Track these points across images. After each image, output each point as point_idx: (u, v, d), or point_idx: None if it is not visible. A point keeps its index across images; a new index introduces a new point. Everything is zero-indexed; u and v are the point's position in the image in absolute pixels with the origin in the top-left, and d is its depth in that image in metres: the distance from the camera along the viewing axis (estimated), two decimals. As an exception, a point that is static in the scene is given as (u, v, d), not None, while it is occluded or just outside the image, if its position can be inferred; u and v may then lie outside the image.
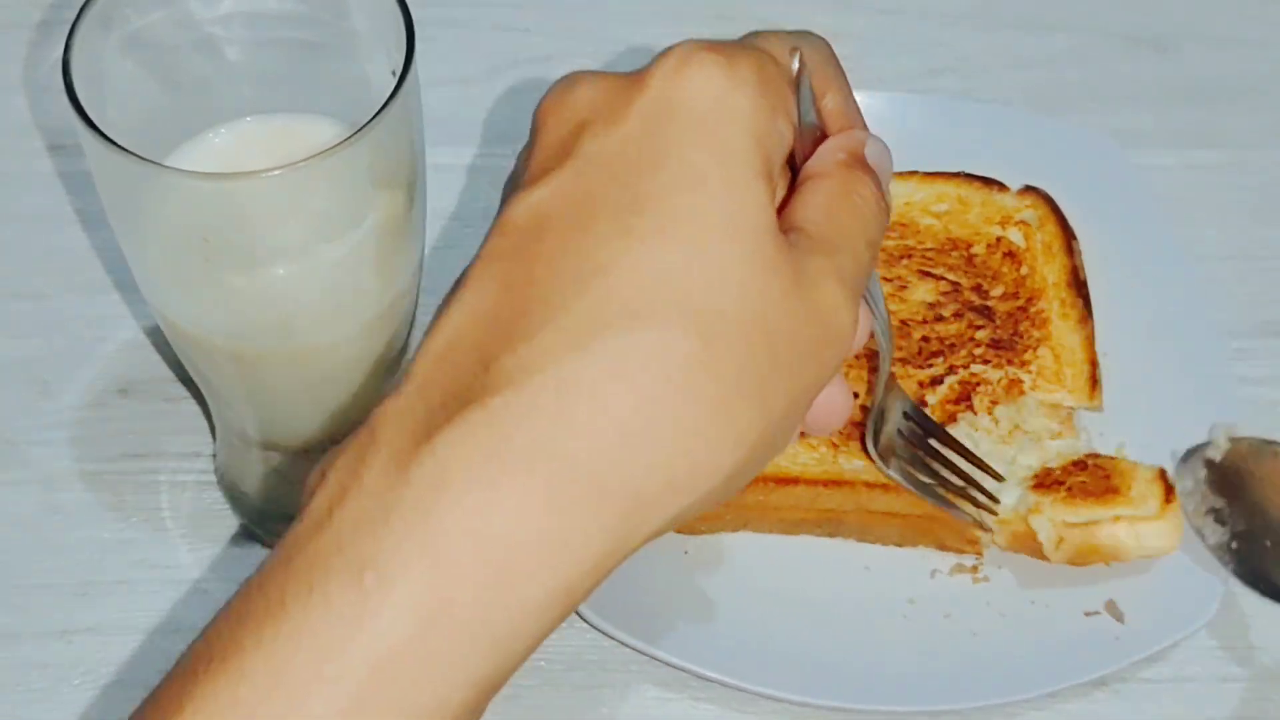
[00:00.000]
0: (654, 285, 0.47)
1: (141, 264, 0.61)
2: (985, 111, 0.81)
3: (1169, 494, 0.67)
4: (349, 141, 0.56)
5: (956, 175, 0.77)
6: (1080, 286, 0.74)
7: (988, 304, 0.74)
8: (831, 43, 0.54)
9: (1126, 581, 0.67)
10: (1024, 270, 0.75)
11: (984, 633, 0.66)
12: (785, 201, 0.52)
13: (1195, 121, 0.84)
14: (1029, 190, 0.77)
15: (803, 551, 0.69)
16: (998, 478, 0.68)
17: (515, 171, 0.51)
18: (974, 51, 0.87)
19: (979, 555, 0.68)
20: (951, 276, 0.74)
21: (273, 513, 0.69)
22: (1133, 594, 0.66)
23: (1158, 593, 0.66)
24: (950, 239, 0.76)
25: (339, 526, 0.45)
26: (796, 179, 0.52)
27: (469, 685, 0.45)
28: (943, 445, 0.67)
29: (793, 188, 0.52)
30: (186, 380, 0.73)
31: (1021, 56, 0.86)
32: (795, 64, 0.51)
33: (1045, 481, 0.68)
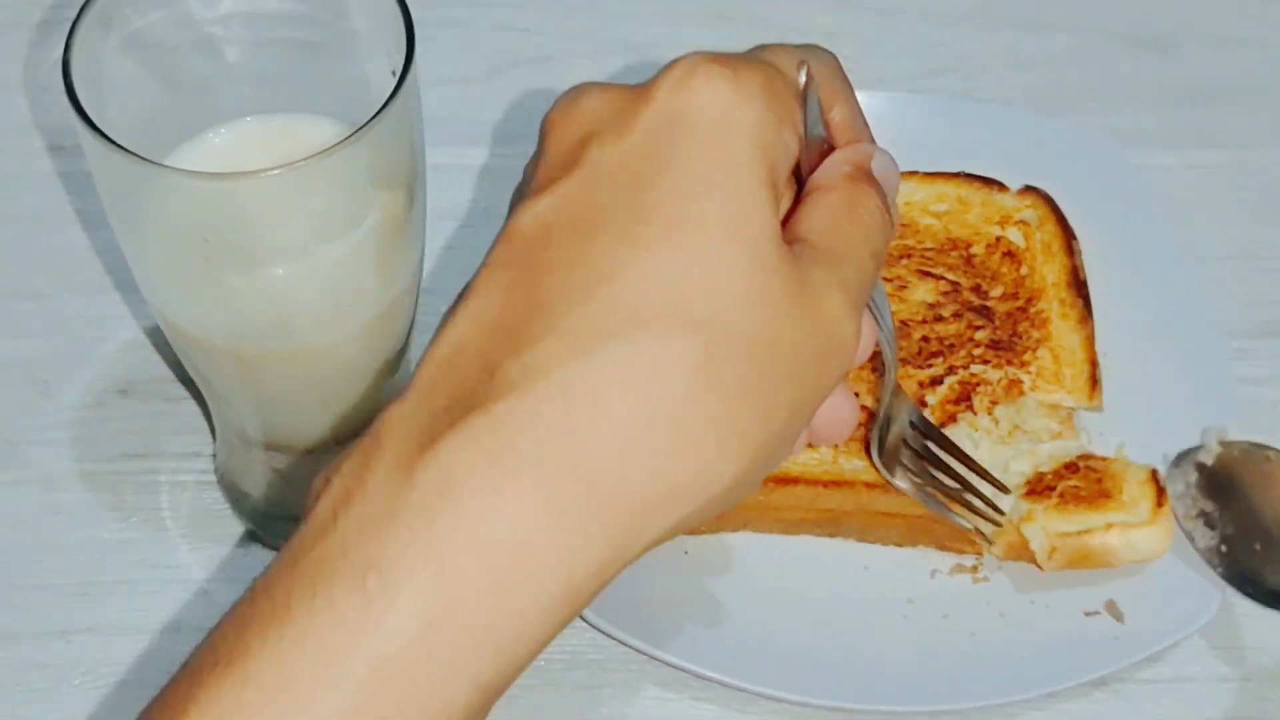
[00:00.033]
0: (659, 293, 0.47)
1: (141, 264, 0.61)
2: (985, 111, 0.81)
3: (1160, 496, 0.67)
4: (349, 141, 0.56)
5: (956, 175, 0.77)
6: (1080, 286, 0.74)
7: (987, 304, 0.73)
8: (831, 43, 0.54)
9: (1126, 582, 0.67)
10: (1024, 270, 0.75)
11: (984, 633, 0.66)
12: (790, 213, 0.52)
13: (1195, 121, 0.84)
14: (1029, 190, 0.77)
15: (803, 551, 0.69)
16: (1002, 489, 0.68)
17: (522, 182, 0.51)
18: (974, 51, 0.87)
19: (979, 555, 0.68)
20: (951, 276, 0.74)
21: (273, 513, 0.69)
22: (1132, 594, 0.66)
23: (1158, 593, 0.66)
24: (950, 239, 0.76)
25: (343, 531, 0.45)
26: (802, 191, 0.53)
27: (473, 689, 0.45)
28: (947, 454, 0.67)
29: (798, 199, 0.52)
30: (186, 380, 0.73)
31: (1021, 56, 0.86)
32: (802, 77, 0.52)
33: (1037, 487, 0.68)
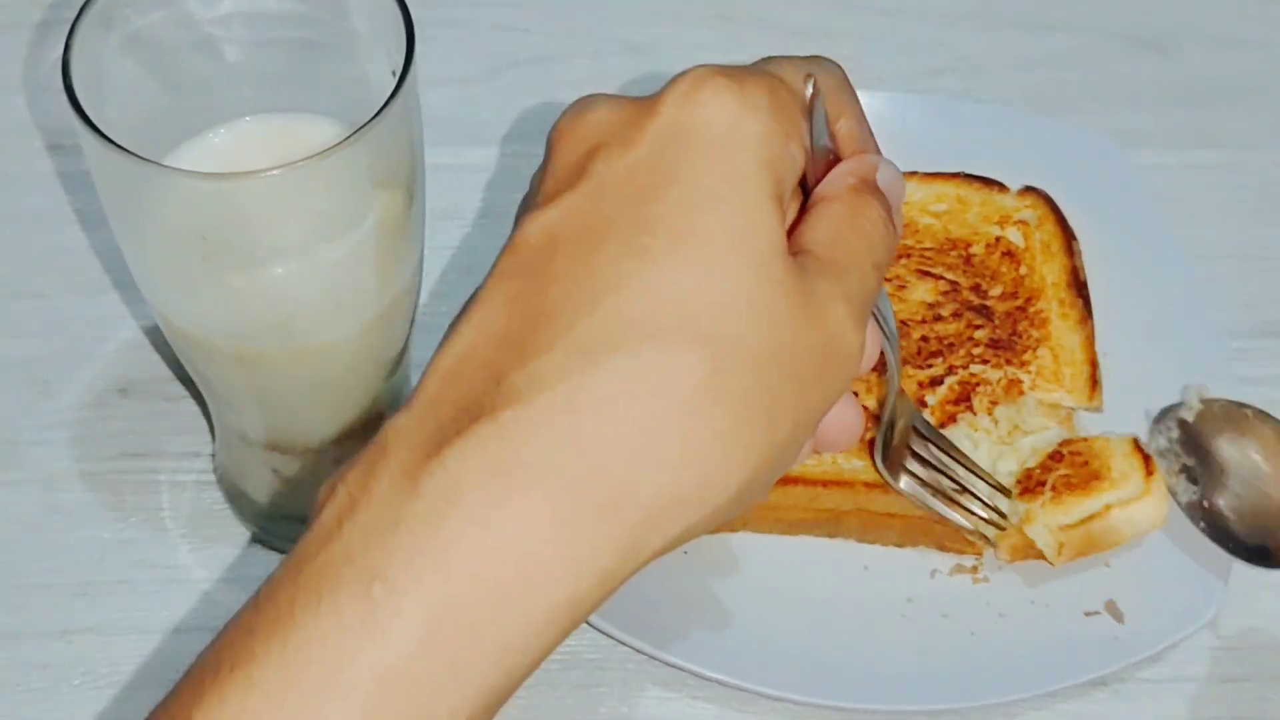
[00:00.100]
0: (665, 305, 0.47)
1: (141, 264, 0.61)
2: (985, 111, 0.81)
3: (1148, 464, 0.67)
4: (349, 141, 0.56)
5: (956, 175, 0.77)
6: (1080, 286, 0.74)
7: (986, 304, 0.73)
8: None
9: (1126, 581, 0.67)
10: (1023, 270, 0.75)
11: (983, 632, 0.66)
12: (795, 224, 0.52)
13: (1195, 121, 0.84)
14: (1029, 190, 0.77)
15: (803, 551, 0.69)
16: (1006, 493, 0.68)
17: (528, 193, 0.52)
18: (974, 51, 0.87)
19: (979, 555, 0.68)
20: (950, 276, 0.74)
21: (273, 512, 0.69)
22: (1133, 594, 0.66)
23: (1158, 593, 0.66)
24: (949, 239, 0.76)
25: (348, 538, 0.45)
26: (807, 202, 0.53)
27: (478, 696, 0.45)
28: (950, 458, 0.68)
29: (803, 210, 0.53)
30: (186, 380, 0.73)
31: (1021, 56, 0.86)
32: (809, 90, 0.52)
33: (1029, 485, 0.67)
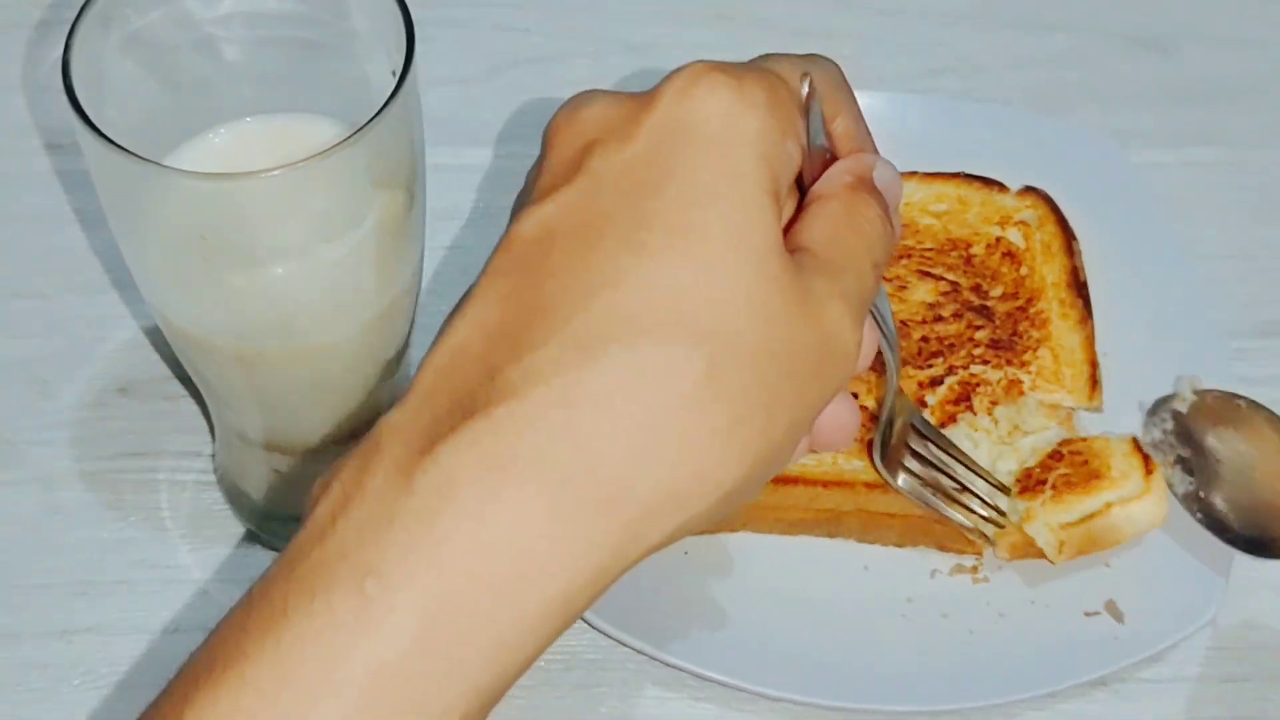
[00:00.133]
0: (661, 300, 0.47)
1: (140, 264, 0.61)
2: (985, 111, 0.81)
3: (1148, 464, 0.67)
4: (349, 141, 0.56)
5: (956, 175, 0.77)
6: (1080, 287, 0.74)
7: (987, 304, 0.73)
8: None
9: (1126, 581, 0.67)
10: (1023, 270, 0.75)
11: (983, 633, 0.66)
12: (792, 222, 0.52)
13: (1195, 121, 0.84)
14: (1029, 190, 0.77)
15: (802, 551, 0.69)
16: (1005, 490, 0.68)
17: (524, 189, 0.51)
18: (974, 51, 0.87)
19: (979, 555, 0.68)
20: (951, 276, 0.74)
21: (272, 512, 0.69)
22: (1133, 594, 0.66)
23: (1158, 593, 0.66)
24: (949, 239, 0.76)
25: (342, 534, 0.45)
26: (804, 200, 0.53)
27: (472, 694, 0.45)
28: (949, 457, 0.68)
29: (800, 208, 0.52)
30: (186, 380, 0.73)
31: (1021, 56, 0.86)
32: (805, 87, 0.52)
33: (1029, 484, 0.67)
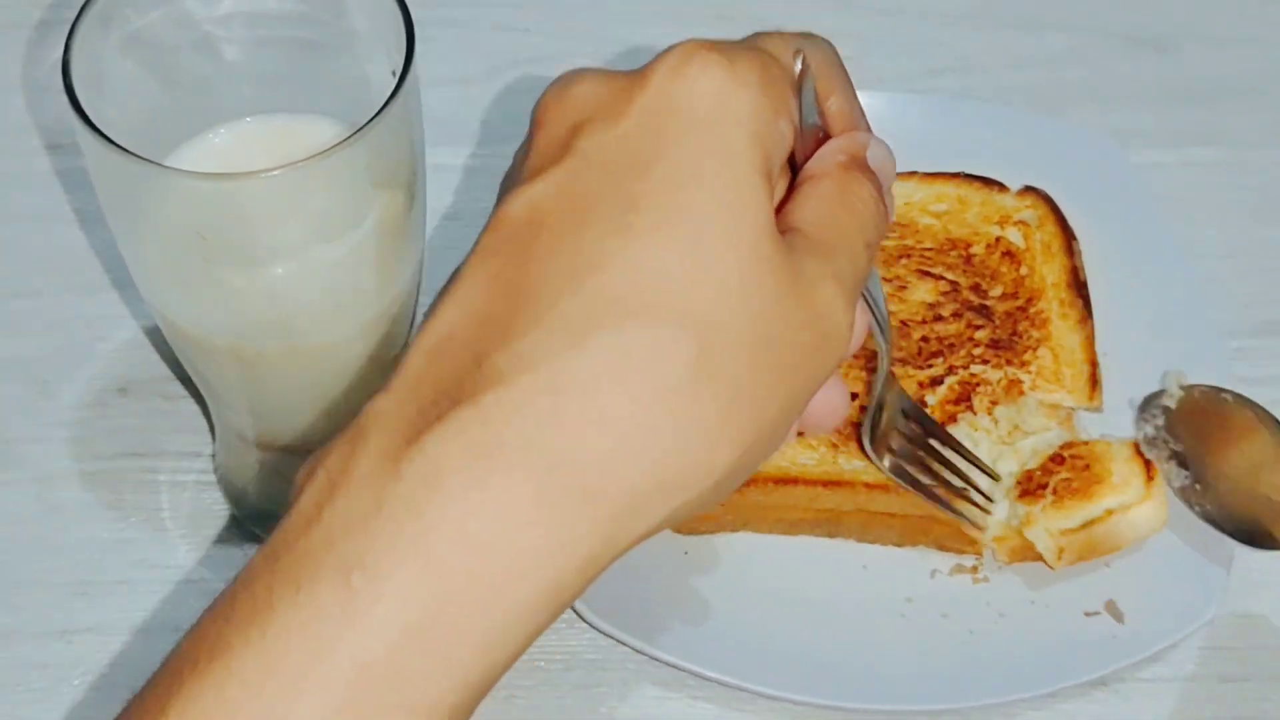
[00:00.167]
0: (650, 284, 0.46)
1: (140, 264, 0.61)
2: (985, 111, 0.81)
3: (1149, 469, 0.67)
4: (349, 141, 0.56)
5: (956, 175, 0.77)
6: (1080, 286, 0.74)
7: (987, 304, 0.73)
8: (832, 43, 0.54)
9: (1126, 581, 0.67)
10: (1023, 270, 0.75)
11: (983, 632, 0.66)
12: (784, 202, 0.51)
13: (1195, 121, 0.84)
14: (1029, 190, 0.77)
15: (802, 551, 0.69)
16: (994, 477, 0.68)
17: (512, 168, 0.51)
18: (974, 51, 0.87)
19: (978, 555, 0.68)
20: (950, 276, 0.74)
21: (273, 513, 0.69)
22: (1133, 594, 0.66)
23: (1158, 593, 0.66)
24: (949, 239, 0.76)
25: (328, 524, 0.45)
26: (796, 179, 0.52)
27: (461, 687, 0.44)
28: (940, 444, 0.67)
29: (792, 188, 0.52)
30: (186, 380, 0.73)
31: (1021, 56, 0.86)
32: (798, 65, 0.51)
33: (1029, 488, 0.67)
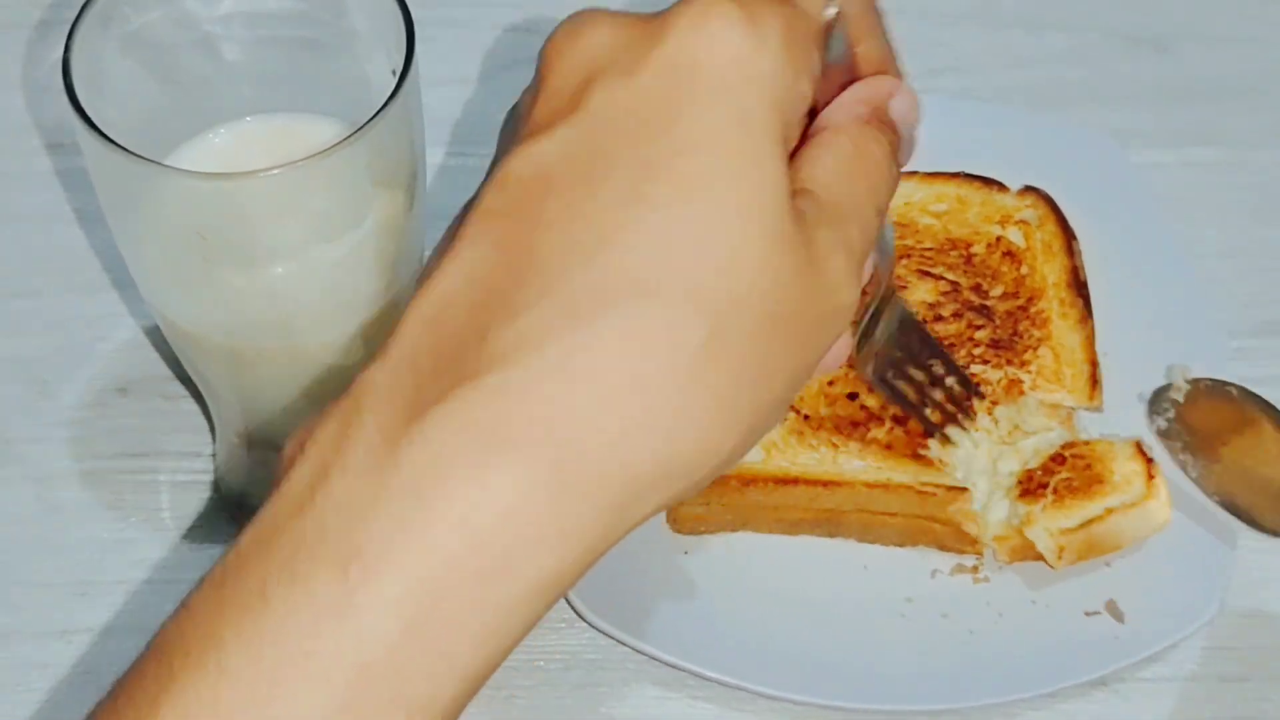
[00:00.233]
0: (664, 261, 0.44)
1: (140, 263, 0.61)
2: (985, 111, 0.81)
3: (1150, 468, 0.67)
4: (349, 141, 0.56)
5: (956, 175, 0.77)
6: (1080, 286, 0.74)
7: (987, 304, 0.73)
8: None
9: (1126, 581, 0.67)
10: (1024, 270, 0.74)
11: (983, 632, 0.66)
12: (798, 149, 0.49)
13: (1195, 121, 0.84)
14: (1029, 190, 0.77)
15: (803, 551, 0.69)
16: (980, 395, 0.69)
17: (516, 114, 0.48)
18: (974, 51, 0.87)
19: (979, 555, 0.68)
20: (951, 276, 0.74)
21: (272, 512, 0.69)
22: (1133, 594, 0.66)
23: (1158, 593, 0.66)
24: (950, 239, 0.76)
25: (322, 510, 0.43)
26: (813, 125, 0.49)
27: (459, 681, 0.43)
28: (932, 355, 0.66)
29: (807, 134, 0.49)
30: (186, 379, 0.73)
31: (1021, 56, 0.86)
32: (830, 12, 0.48)
33: (1030, 487, 0.67)
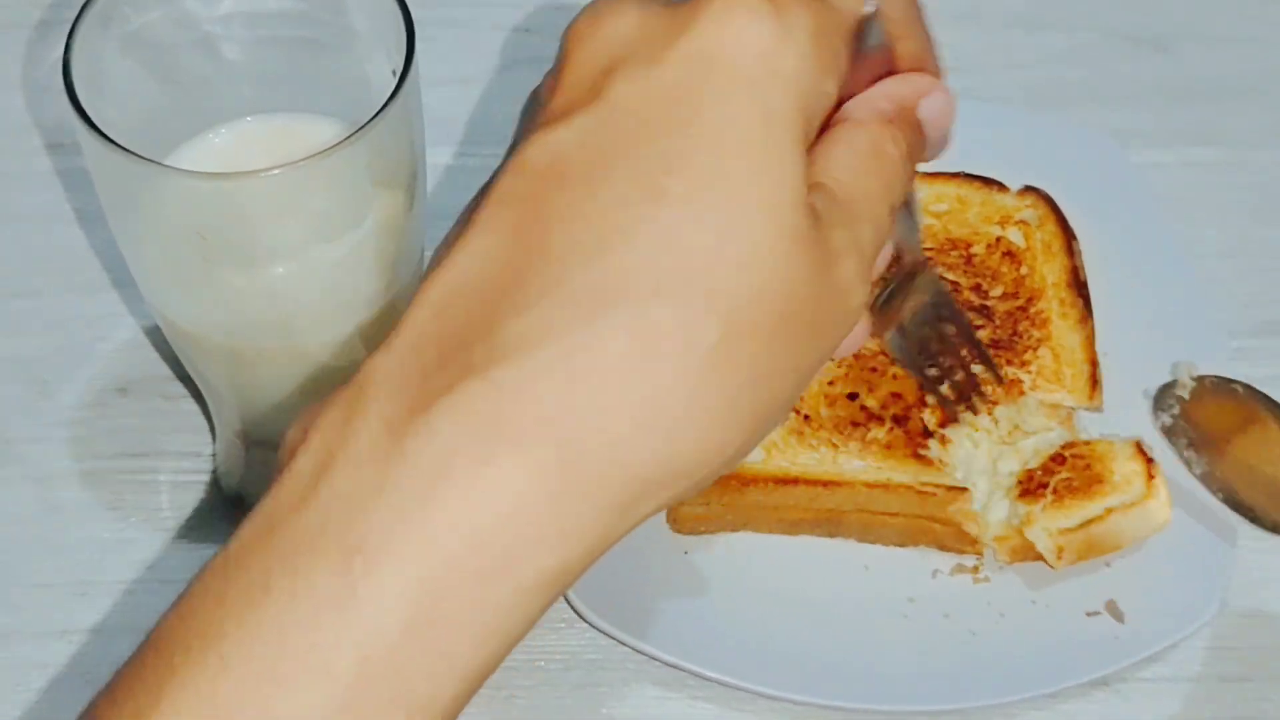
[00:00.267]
0: (679, 260, 0.43)
1: (140, 263, 0.61)
2: (985, 111, 0.81)
3: (1150, 468, 0.67)
4: (349, 141, 0.56)
5: (956, 175, 0.77)
6: (1080, 286, 0.74)
7: (987, 304, 0.73)
8: None
9: (1126, 581, 0.67)
10: (1023, 270, 0.74)
11: (984, 632, 0.66)
12: (816, 139, 0.48)
13: (1195, 121, 0.84)
14: (1029, 190, 0.77)
15: (803, 551, 0.69)
16: (999, 380, 0.69)
17: (537, 98, 0.47)
18: (974, 51, 0.86)
19: (979, 555, 0.68)
20: (951, 276, 0.74)
21: (272, 512, 0.69)
22: (1133, 594, 0.66)
23: (1158, 593, 0.66)
24: (950, 239, 0.76)
25: (325, 502, 0.42)
26: (837, 114, 0.48)
27: (460, 678, 0.43)
28: (955, 328, 0.66)
29: (828, 124, 0.48)
30: (186, 379, 0.73)
31: (1021, 56, 0.86)
32: (868, 7, 0.47)
33: (1030, 487, 0.67)
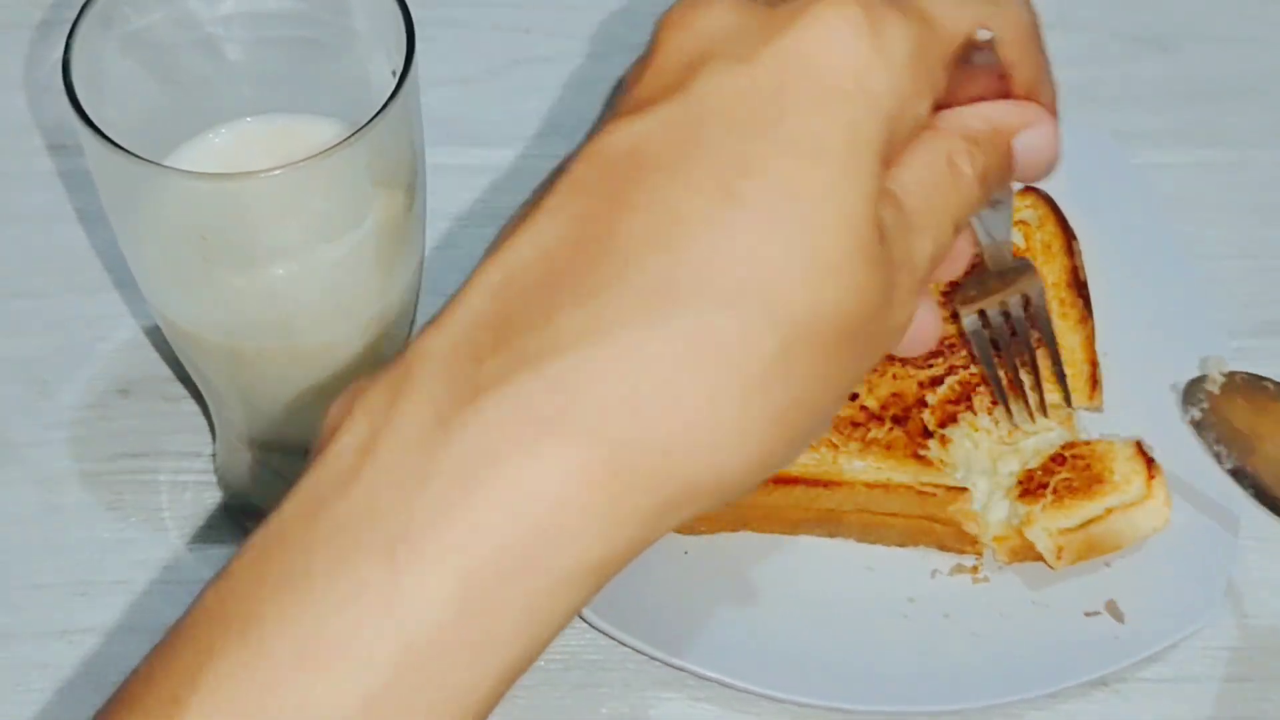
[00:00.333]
0: (746, 268, 0.43)
1: (141, 264, 0.61)
2: (985, 111, 0.81)
3: (1151, 468, 0.67)
4: (349, 141, 0.56)
5: (956, 175, 0.77)
6: (1080, 286, 0.73)
7: (988, 304, 0.73)
8: (1033, 8, 0.50)
9: (1126, 581, 0.67)
10: (1024, 270, 0.74)
11: (984, 633, 0.66)
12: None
13: (1196, 121, 0.83)
14: (1029, 190, 0.77)
15: (803, 551, 0.69)
16: (1067, 401, 0.70)
17: (622, 84, 0.47)
18: (974, 51, 0.86)
19: (979, 555, 0.68)
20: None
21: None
22: (1133, 594, 0.66)
23: (1158, 593, 0.66)
24: (950, 239, 0.75)
25: (369, 486, 0.42)
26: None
27: (498, 673, 0.43)
28: (1038, 334, 0.67)
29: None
30: (186, 380, 0.73)
31: (1022, 56, 0.86)
32: (982, 36, 0.46)
33: (1030, 487, 0.67)
